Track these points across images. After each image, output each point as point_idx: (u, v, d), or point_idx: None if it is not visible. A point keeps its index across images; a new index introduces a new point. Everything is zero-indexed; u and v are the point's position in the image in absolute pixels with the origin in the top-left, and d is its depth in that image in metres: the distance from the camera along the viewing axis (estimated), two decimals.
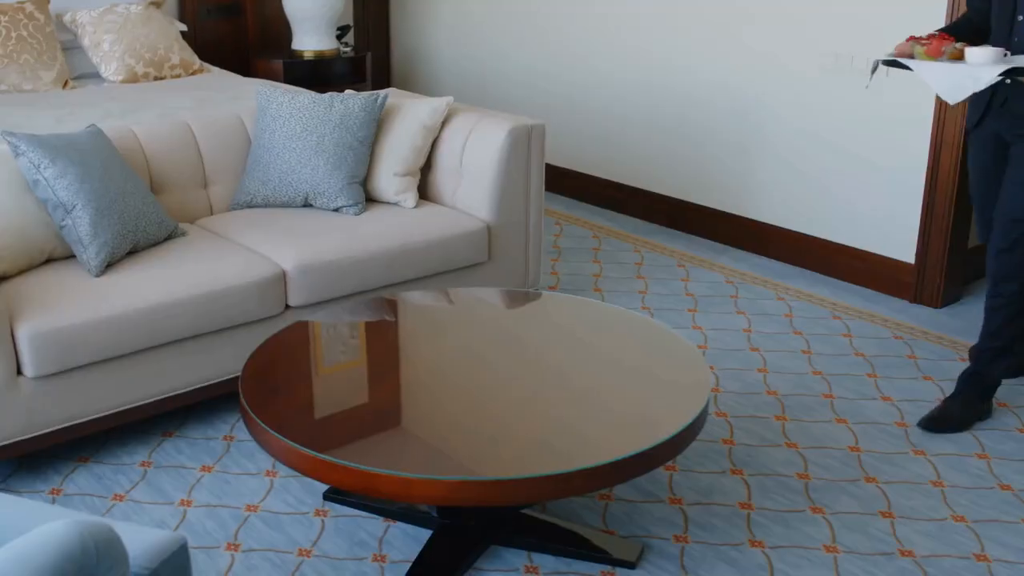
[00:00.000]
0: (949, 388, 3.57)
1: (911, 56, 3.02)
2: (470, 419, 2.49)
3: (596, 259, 4.77)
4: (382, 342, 2.97)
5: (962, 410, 3.33)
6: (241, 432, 3.24)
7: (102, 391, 2.99)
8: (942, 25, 4.00)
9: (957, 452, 3.19)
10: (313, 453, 2.25)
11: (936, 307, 4.25)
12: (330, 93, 3.78)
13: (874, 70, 3.16)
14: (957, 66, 2.89)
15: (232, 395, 3.29)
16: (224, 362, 3.20)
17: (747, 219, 4.84)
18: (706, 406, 2.47)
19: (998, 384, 3.37)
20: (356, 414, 2.56)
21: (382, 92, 3.82)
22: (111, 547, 1.66)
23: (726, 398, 3.46)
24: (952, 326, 4.09)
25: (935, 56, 2.96)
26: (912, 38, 3.06)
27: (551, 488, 2.22)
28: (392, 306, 3.13)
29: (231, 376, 3.21)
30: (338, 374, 2.78)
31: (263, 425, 2.34)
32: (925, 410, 3.43)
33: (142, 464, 3.08)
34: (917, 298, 4.29)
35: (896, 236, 4.33)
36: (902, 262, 4.32)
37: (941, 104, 4.09)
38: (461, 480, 2.19)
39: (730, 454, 3.14)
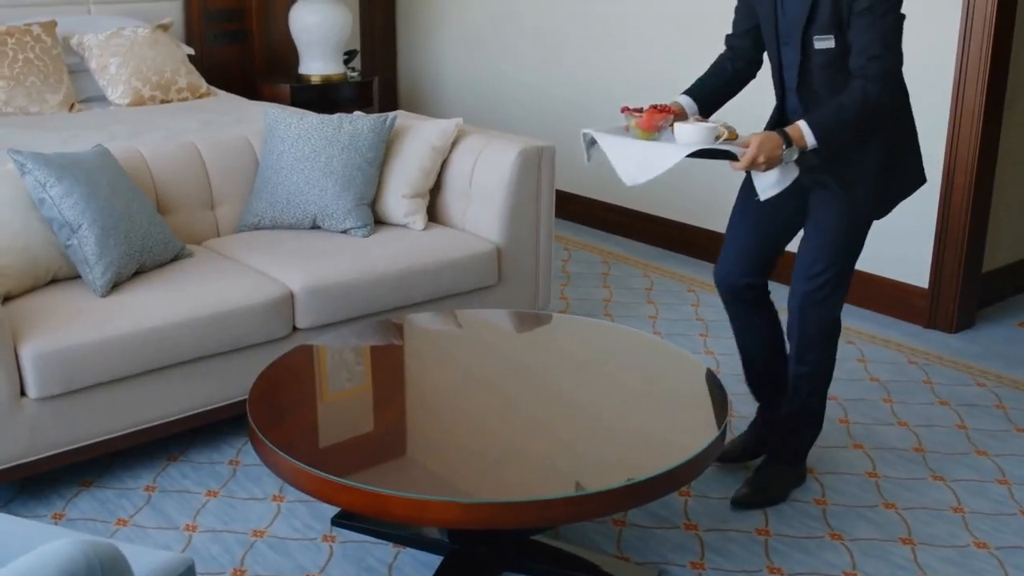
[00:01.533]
0: (965, 413, 3.52)
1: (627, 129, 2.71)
2: (482, 441, 2.44)
3: (605, 284, 4.73)
4: (392, 364, 2.92)
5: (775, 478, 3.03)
6: (247, 457, 3.19)
7: (106, 413, 2.94)
8: (949, 32, 3.98)
9: (977, 478, 3.13)
10: (324, 475, 2.19)
11: (950, 332, 4.19)
12: (339, 114, 3.75)
13: (589, 145, 2.76)
14: (650, 145, 2.60)
15: (238, 418, 3.24)
16: (230, 385, 3.15)
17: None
18: (724, 428, 2.42)
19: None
20: (366, 436, 2.50)
21: (391, 114, 3.79)
22: (116, 567, 1.60)
23: (740, 423, 3.40)
24: (967, 351, 4.04)
25: (648, 130, 2.63)
26: (625, 109, 2.72)
27: (567, 511, 2.16)
28: (401, 328, 3.08)
29: (237, 399, 3.16)
30: (347, 396, 2.73)
31: (272, 447, 2.29)
32: (943, 435, 3.37)
33: (146, 488, 3.02)
34: (931, 323, 4.24)
35: (909, 261, 4.28)
36: (916, 287, 4.27)
37: (954, 128, 4.06)
38: (475, 503, 2.13)
39: (743, 481, 3.08)
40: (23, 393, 2.81)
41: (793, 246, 2.94)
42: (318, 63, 5.55)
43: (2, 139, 3.91)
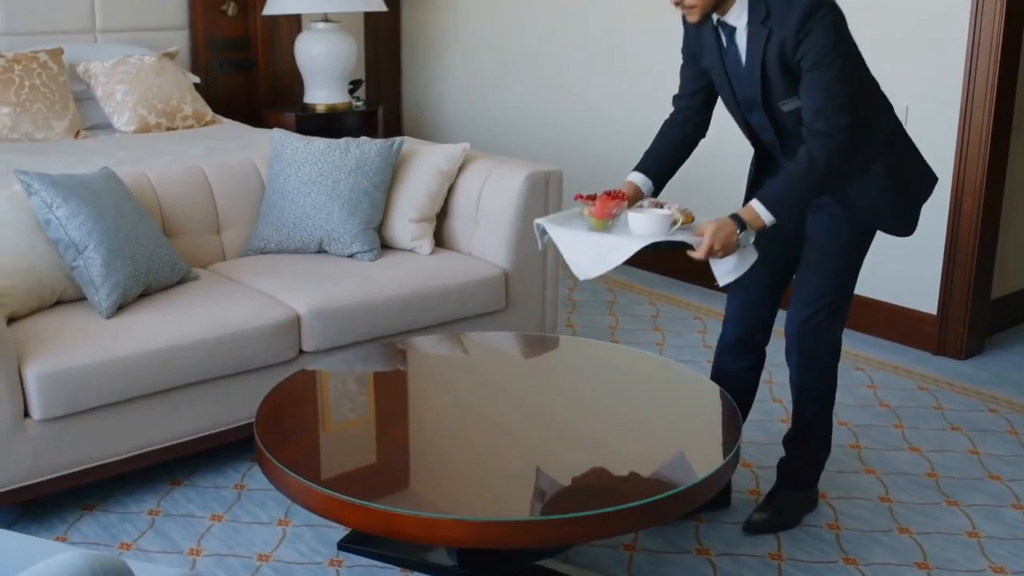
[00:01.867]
0: (977, 439, 3.48)
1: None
2: (492, 461, 2.40)
3: (611, 312, 4.70)
4: (399, 384, 2.89)
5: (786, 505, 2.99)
6: (252, 481, 3.15)
7: (110, 436, 2.90)
8: (956, 57, 3.98)
9: (992, 503, 3.09)
10: (332, 493, 2.16)
11: (960, 358, 4.16)
12: (345, 139, 3.74)
13: (542, 234, 2.67)
14: (603, 239, 2.52)
15: (243, 443, 3.20)
16: (236, 408, 3.11)
17: None
18: (737, 448, 2.38)
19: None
20: (374, 456, 2.47)
21: (398, 138, 3.78)
22: None
23: (750, 449, 3.37)
24: (978, 377, 4.00)
25: (602, 218, 2.56)
26: (578, 196, 2.64)
27: (580, 530, 2.12)
28: (408, 350, 3.05)
29: (243, 423, 3.12)
30: (354, 417, 2.70)
31: (280, 466, 2.25)
32: (955, 461, 3.33)
33: (150, 512, 2.98)
34: (940, 350, 4.21)
35: (918, 287, 4.26)
36: (924, 313, 4.25)
37: (962, 153, 4.05)
38: (487, 521, 2.09)
39: (756, 507, 3.04)
40: (27, 414, 2.77)
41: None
42: (323, 92, 5.55)
43: (8, 165, 3.88)
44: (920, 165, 2.79)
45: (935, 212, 4.17)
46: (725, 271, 2.58)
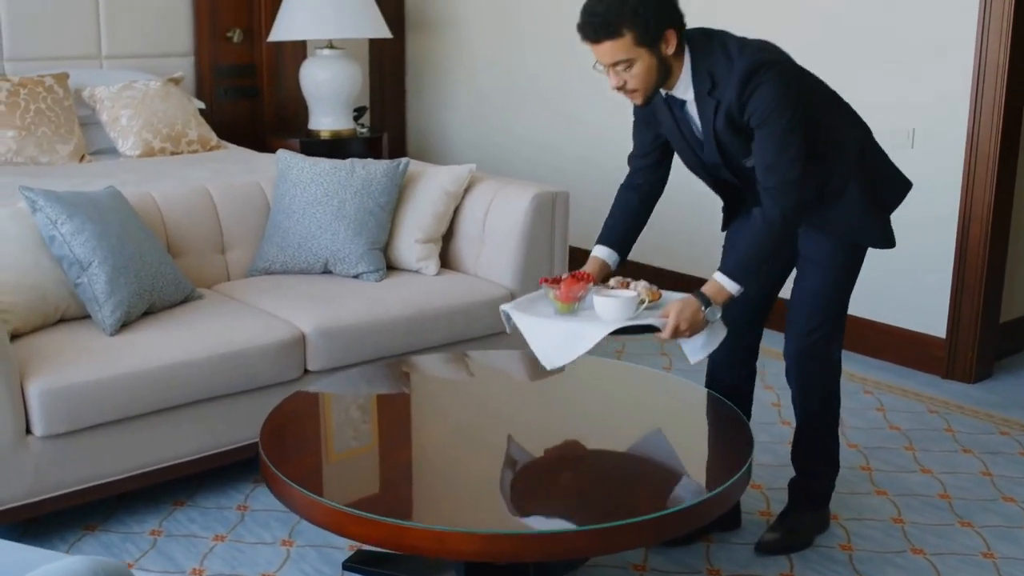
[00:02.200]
0: (990, 461, 3.44)
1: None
2: (502, 475, 2.36)
3: (620, 342, 4.66)
4: (405, 400, 2.86)
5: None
6: (256, 502, 3.11)
7: (113, 454, 2.87)
8: (962, 81, 3.98)
9: (1006, 524, 3.05)
10: (339, 507, 2.12)
11: (969, 382, 4.13)
12: (351, 159, 3.73)
13: (507, 320, 2.63)
14: (569, 326, 2.45)
15: (247, 463, 3.17)
16: (240, 427, 3.08)
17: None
18: (749, 463, 2.35)
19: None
20: (382, 471, 2.44)
21: (403, 159, 3.77)
22: None
23: (760, 470, 3.33)
24: (988, 401, 3.96)
25: (567, 302, 2.52)
26: (544, 280, 2.63)
27: (591, 543, 2.09)
28: (413, 366, 3.03)
29: (247, 443, 3.09)
30: (360, 433, 2.67)
31: (285, 479, 2.22)
32: (968, 482, 3.29)
33: (152, 533, 2.94)
34: (949, 373, 4.17)
35: (926, 310, 4.23)
36: (933, 337, 4.22)
37: (969, 177, 4.04)
38: (497, 533, 2.06)
39: (767, 526, 2.99)
40: (28, 431, 2.74)
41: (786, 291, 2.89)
42: (328, 118, 5.56)
43: (12, 187, 3.87)
44: (891, 171, 2.77)
45: (943, 236, 4.15)
46: (694, 349, 2.55)
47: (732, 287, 2.51)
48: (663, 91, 2.57)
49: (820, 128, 2.58)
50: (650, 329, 2.47)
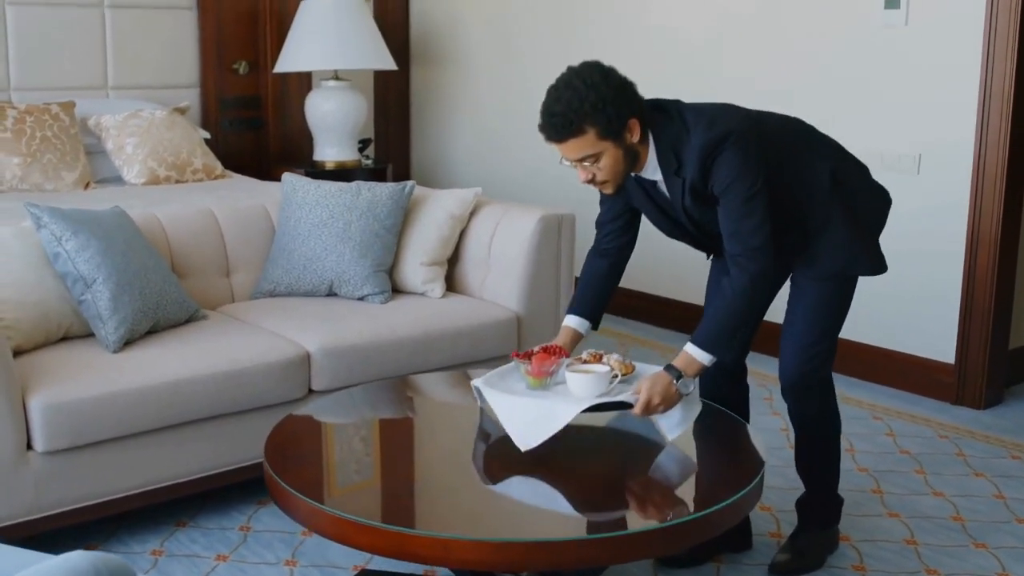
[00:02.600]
0: (1003, 484, 3.40)
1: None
2: (511, 486, 2.32)
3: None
4: (409, 414, 2.83)
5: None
6: (258, 523, 3.06)
7: (115, 471, 2.83)
8: (968, 106, 3.97)
9: (1021, 546, 2.99)
10: (344, 515, 2.08)
11: (979, 408, 4.09)
12: (357, 182, 3.73)
13: (479, 395, 2.53)
14: (541, 404, 2.36)
15: (249, 484, 3.13)
16: (243, 447, 3.04)
17: (775, 324, 4.71)
18: (761, 475, 2.31)
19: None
20: (387, 481, 2.40)
21: (409, 182, 3.76)
22: None
23: (770, 493, 3.27)
24: (999, 426, 3.92)
25: (539, 377, 2.45)
26: (515, 354, 2.57)
27: (601, 551, 2.04)
28: (417, 384, 2.99)
29: (250, 462, 3.05)
30: (364, 445, 2.63)
31: (289, 489, 2.18)
32: (981, 505, 3.25)
33: (153, 552, 2.89)
34: (959, 400, 4.13)
35: (934, 336, 4.20)
36: (941, 363, 4.18)
37: (976, 202, 4.02)
38: (506, 541, 2.01)
39: (778, 547, 2.95)
40: (29, 447, 2.71)
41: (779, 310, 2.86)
42: (333, 149, 5.56)
43: (17, 212, 3.87)
44: (869, 192, 2.74)
45: (950, 261, 4.13)
46: (671, 426, 2.47)
47: (704, 358, 2.46)
48: (632, 173, 2.55)
49: (789, 175, 2.57)
50: (623, 406, 2.41)
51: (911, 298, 4.27)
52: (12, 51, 4.92)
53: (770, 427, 3.85)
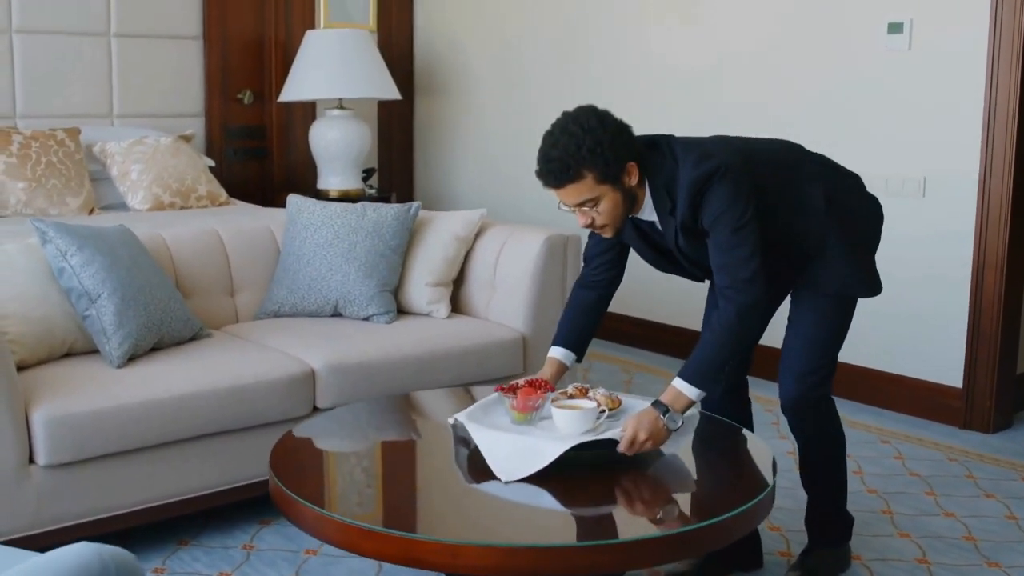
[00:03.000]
0: (1015, 505, 3.36)
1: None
2: (520, 493, 2.28)
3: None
4: (414, 424, 2.80)
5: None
6: (262, 542, 3.02)
7: (117, 487, 2.80)
8: (972, 128, 3.97)
9: None
10: (350, 521, 2.06)
11: (987, 432, 4.05)
12: (362, 203, 3.72)
13: (455, 426, 2.46)
14: (527, 441, 2.28)
15: (253, 504, 3.10)
16: (246, 464, 3.01)
17: (775, 348, 4.69)
18: (773, 485, 2.28)
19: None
20: (393, 488, 2.37)
21: (414, 203, 3.76)
22: (132, 574, 1.48)
23: (779, 514, 3.24)
24: (1009, 450, 3.89)
25: (524, 412, 2.39)
26: (500, 388, 2.50)
27: (613, 557, 2.01)
28: (421, 397, 2.97)
29: (254, 480, 3.02)
30: (369, 454, 2.60)
31: (295, 497, 2.15)
32: (993, 525, 3.21)
33: (155, 571, 2.85)
34: (967, 424, 4.10)
35: (941, 361, 4.18)
36: (949, 387, 4.15)
37: (982, 225, 4.02)
38: (516, 546, 1.98)
39: (788, 566, 2.91)
40: (32, 460, 2.68)
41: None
42: (337, 178, 5.57)
43: (22, 235, 3.86)
44: (863, 209, 2.72)
45: (957, 285, 4.12)
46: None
47: (692, 392, 2.41)
48: (630, 215, 2.53)
49: (783, 202, 2.56)
50: (611, 443, 2.33)
51: (918, 322, 4.25)
52: (19, 79, 4.94)
53: (777, 450, 3.81)
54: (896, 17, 4.19)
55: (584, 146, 2.35)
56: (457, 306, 3.78)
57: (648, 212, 2.52)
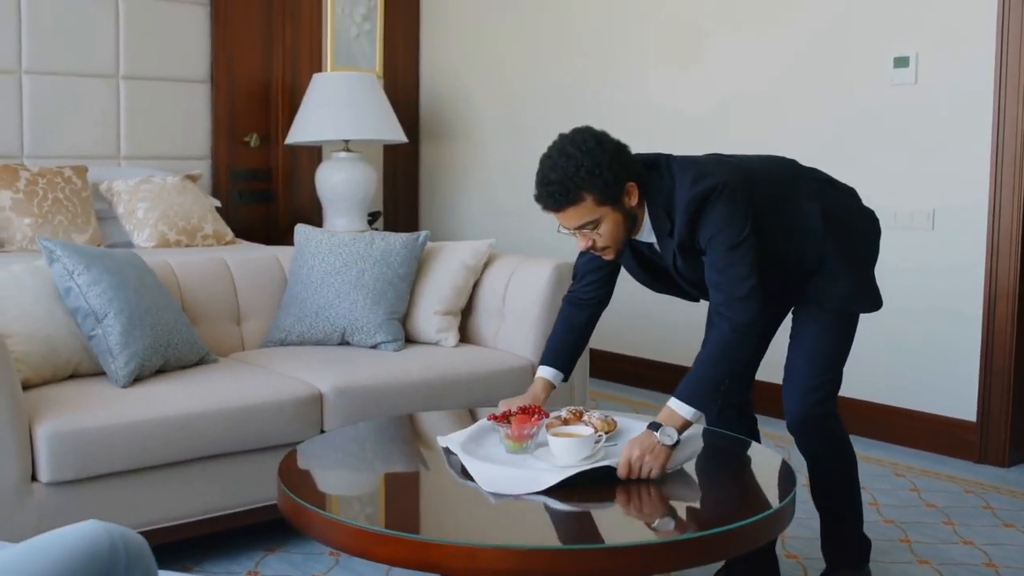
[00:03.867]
0: None
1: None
2: (533, 498, 2.23)
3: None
4: (425, 436, 2.75)
5: None
6: (267, 568, 2.96)
7: (120, 507, 2.74)
8: (981, 158, 3.97)
9: None
10: (364, 526, 2.01)
11: (1004, 467, 3.99)
12: (370, 231, 3.71)
13: (447, 455, 2.40)
14: (522, 472, 2.23)
15: (257, 530, 3.03)
16: (252, 488, 2.96)
17: (775, 384, 4.65)
18: (793, 494, 2.23)
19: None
20: (405, 494, 2.32)
21: (422, 232, 3.74)
22: (141, 555, 1.45)
23: (795, 543, 3.18)
24: None
25: (519, 441, 2.33)
26: (493, 417, 2.45)
27: (632, 561, 1.95)
28: (429, 417, 2.92)
29: (260, 504, 2.96)
30: (380, 464, 2.55)
31: (306, 505, 2.10)
32: (1014, 553, 3.14)
33: None
34: (982, 458, 4.05)
35: (955, 394, 4.13)
36: (963, 421, 4.10)
37: (993, 255, 4.00)
38: (533, 549, 1.93)
39: None
40: (34, 477, 2.62)
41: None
42: (342, 219, 5.57)
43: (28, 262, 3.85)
44: (859, 222, 2.69)
45: (969, 317, 4.09)
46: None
47: (687, 412, 2.35)
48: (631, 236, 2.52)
49: (781, 221, 2.54)
50: (607, 470, 2.27)
51: (930, 356, 4.21)
52: (27, 119, 4.97)
53: None
54: (902, 51, 4.21)
55: (583, 168, 2.33)
56: (466, 336, 3.75)
57: (647, 234, 2.50)
